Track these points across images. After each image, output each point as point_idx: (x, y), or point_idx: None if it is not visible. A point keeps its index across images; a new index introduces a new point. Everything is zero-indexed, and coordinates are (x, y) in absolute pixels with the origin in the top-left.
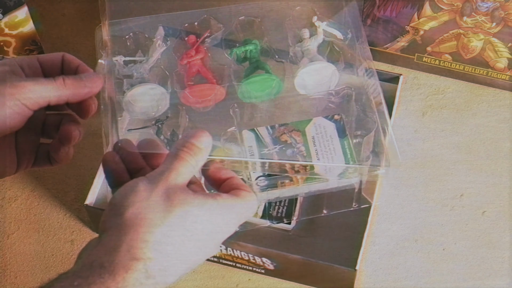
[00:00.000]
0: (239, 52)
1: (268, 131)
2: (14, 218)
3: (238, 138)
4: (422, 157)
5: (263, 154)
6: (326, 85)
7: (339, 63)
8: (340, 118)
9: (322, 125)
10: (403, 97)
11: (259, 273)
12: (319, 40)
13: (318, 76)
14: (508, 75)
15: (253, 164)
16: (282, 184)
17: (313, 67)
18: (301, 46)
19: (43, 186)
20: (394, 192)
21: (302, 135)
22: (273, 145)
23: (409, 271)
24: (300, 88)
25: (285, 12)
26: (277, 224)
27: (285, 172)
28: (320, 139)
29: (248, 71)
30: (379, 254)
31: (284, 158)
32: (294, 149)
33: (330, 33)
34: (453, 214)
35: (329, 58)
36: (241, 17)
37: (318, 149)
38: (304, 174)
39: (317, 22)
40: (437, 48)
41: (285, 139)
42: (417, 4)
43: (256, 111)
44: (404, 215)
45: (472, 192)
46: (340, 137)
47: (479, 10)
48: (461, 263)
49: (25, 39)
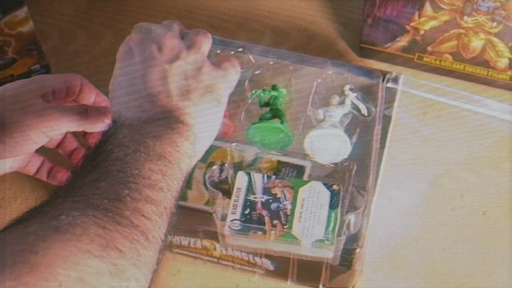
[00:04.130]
0: (264, 95)
1: (263, 179)
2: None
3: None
4: (422, 157)
5: (248, 199)
6: (333, 154)
7: (354, 136)
8: (338, 188)
9: (317, 191)
10: (403, 97)
11: (259, 274)
12: (345, 111)
13: (328, 143)
14: (508, 75)
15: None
16: (254, 234)
17: (326, 132)
18: (326, 110)
19: (43, 186)
20: (394, 192)
21: (294, 194)
22: (262, 194)
23: (409, 271)
24: (308, 148)
25: (316, 73)
26: None
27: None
28: (310, 203)
29: (265, 117)
30: (379, 254)
31: (267, 210)
32: (280, 204)
33: (356, 105)
34: (453, 214)
35: (346, 129)
36: (271, 62)
37: (303, 212)
38: (280, 231)
39: (347, 91)
40: (438, 48)
41: (276, 193)
42: (418, 4)
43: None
44: (404, 215)
45: (472, 192)
46: (331, 207)
47: (479, 10)
48: (461, 263)
49: (24, 39)
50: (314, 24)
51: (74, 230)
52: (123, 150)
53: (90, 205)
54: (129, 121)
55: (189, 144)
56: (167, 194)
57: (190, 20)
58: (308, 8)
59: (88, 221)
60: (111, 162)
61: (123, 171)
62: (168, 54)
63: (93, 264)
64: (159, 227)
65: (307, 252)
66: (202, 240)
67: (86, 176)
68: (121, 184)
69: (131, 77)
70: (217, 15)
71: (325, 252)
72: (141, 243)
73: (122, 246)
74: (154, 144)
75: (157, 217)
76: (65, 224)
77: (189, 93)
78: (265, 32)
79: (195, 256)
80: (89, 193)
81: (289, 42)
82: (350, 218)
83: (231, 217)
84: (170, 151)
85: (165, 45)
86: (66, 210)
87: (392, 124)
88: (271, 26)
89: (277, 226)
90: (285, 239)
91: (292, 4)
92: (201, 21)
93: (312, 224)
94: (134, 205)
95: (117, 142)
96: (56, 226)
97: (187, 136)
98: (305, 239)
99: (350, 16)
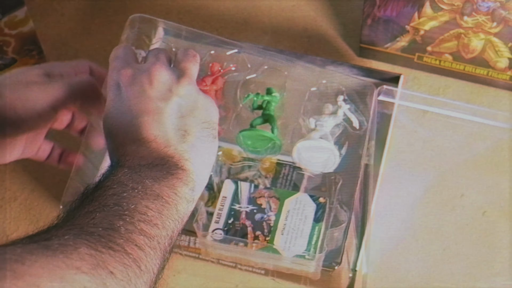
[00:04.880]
0: (258, 99)
1: (249, 188)
2: (14, 218)
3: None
4: (422, 157)
5: (233, 209)
6: (321, 166)
7: (343, 149)
8: (325, 201)
9: (303, 203)
10: (403, 97)
11: (259, 274)
12: (337, 121)
13: (315, 154)
14: (508, 75)
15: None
16: (235, 245)
17: (315, 143)
18: (317, 119)
19: (43, 186)
20: (395, 192)
21: (280, 205)
22: (247, 204)
23: (409, 271)
24: (296, 158)
25: (310, 79)
26: None
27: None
28: (294, 215)
29: (256, 122)
30: (379, 254)
31: (251, 221)
32: (264, 215)
33: (348, 118)
34: (453, 214)
35: (337, 141)
36: (266, 67)
37: (287, 224)
38: (261, 244)
39: (340, 102)
40: (438, 48)
41: (261, 203)
42: (418, 4)
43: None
44: (405, 215)
45: (472, 192)
46: (315, 221)
47: (479, 10)
48: (461, 263)
49: (24, 39)
50: (314, 24)
51: (64, 248)
52: (121, 186)
53: (84, 231)
54: (128, 163)
55: (188, 189)
56: (162, 231)
57: (190, 20)
58: (308, 8)
59: (80, 242)
60: (109, 197)
61: (119, 205)
62: (160, 88)
63: (81, 279)
64: (152, 258)
65: (287, 265)
66: None
67: (83, 208)
68: (116, 216)
69: (125, 116)
70: (217, 15)
71: (306, 267)
72: (133, 269)
73: (114, 268)
74: (153, 185)
75: (150, 249)
76: (56, 243)
77: (187, 134)
78: (265, 32)
79: (195, 256)
80: (84, 222)
81: (289, 42)
82: (331, 234)
83: (214, 226)
84: (168, 193)
85: (156, 78)
86: (59, 235)
87: (392, 124)
88: (271, 26)
89: (259, 237)
90: (266, 252)
91: (292, 4)
92: (201, 21)
93: (294, 237)
94: (128, 235)
95: (116, 180)
96: (46, 244)
97: (187, 181)
98: (286, 252)
99: (350, 16)
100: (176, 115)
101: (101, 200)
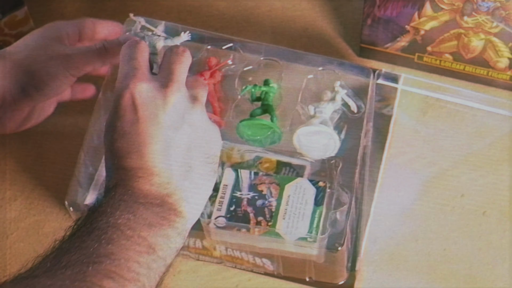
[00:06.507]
0: (255, 90)
1: (250, 175)
2: (14, 218)
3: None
4: (422, 157)
5: (234, 196)
6: (322, 151)
7: (342, 133)
8: (324, 185)
9: (303, 187)
10: (403, 97)
11: (259, 274)
12: (336, 107)
13: (316, 140)
14: (508, 75)
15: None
16: (238, 231)
17: (315, 129)
18: (316, 106)
19: (43, 186)
20: (394, 192)
21: (280, 190)
22: (248, 191)
23: (409, 271)
24: (297, 144)
25: (306, 67)
26: None
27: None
28: (295, 200)
29: (255, 112)
30: (379, 254)
31: (252, 207)
32: (265, 201)
33: (345, 102)
34: (453, 214)
35: (336, 126)
36: (262, 58)
37: (288, 209)
38: (264, 228)
39: (337, 87)
40: (438, 48)
41: (262, 189)
42: (418, 4)
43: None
44: (404, 215)
45: (472, 192)
46: (316, 204)
47: (479, 10)
48: (461, 264)
49: None
50: (314, 24)
51: None
52: (116, 232)
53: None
54: (126, 198)
55: (181, 239)
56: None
57: (190, 20)
58: (308, 8)
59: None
60: (103, 245)
61: (111, 258)
62: (173, 114)
63: None
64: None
65: (291, 248)
66: (202, 240)
67: (74, 252)
68: (104, 275)
69: (132, 139)
70: (217, 15)
71: (309, 250)
72: None
73: None
74: (148, 234)
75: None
76: None
77: (191, 170)
78: (266, 32)
79: (195, 256)
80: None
81: (289, 42)
82: (333, 216)
83: (217, 213)
84: (162, 245)
85: (170, 102)
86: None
87: (392, 124)
88: (271, 26)
89: (261, 223)
90: (269, 236)
91: (293, 4)
92: (201, 21)
93: (296, 221)
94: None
95: (112, 222)
96: None
97: (180, 230)
98: (288, 236)
99: (350, 16)
100: (183, 147)
101: (92, 245)
